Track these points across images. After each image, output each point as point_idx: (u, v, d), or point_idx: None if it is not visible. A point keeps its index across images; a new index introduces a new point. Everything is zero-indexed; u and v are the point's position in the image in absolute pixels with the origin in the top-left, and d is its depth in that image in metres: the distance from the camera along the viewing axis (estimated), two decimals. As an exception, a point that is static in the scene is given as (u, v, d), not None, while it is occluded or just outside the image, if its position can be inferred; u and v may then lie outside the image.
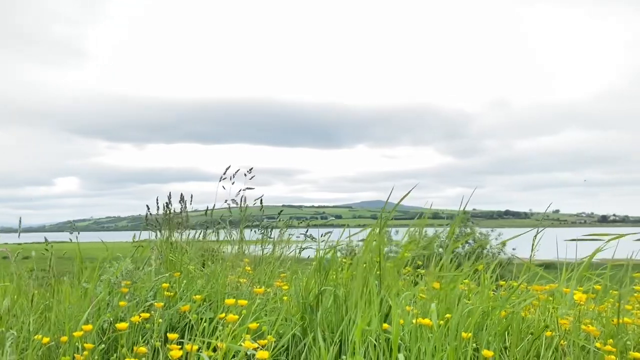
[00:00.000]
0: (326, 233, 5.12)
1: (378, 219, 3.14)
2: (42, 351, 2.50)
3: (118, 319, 2.74)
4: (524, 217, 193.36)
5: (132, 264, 3.34)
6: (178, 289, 3.26)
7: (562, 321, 2.19)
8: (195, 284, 3.42)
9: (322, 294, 3.12)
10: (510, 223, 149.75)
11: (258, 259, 4.52)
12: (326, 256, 3.29)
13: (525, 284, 2.96)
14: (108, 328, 2.77)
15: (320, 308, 3.06)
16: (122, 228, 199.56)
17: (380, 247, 3.01)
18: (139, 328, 2.64)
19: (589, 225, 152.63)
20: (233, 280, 3.64)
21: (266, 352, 2.01)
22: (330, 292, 3.10)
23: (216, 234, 4.69)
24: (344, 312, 3.00)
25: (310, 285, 3.17)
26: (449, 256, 2.79)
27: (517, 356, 2.29)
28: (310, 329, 2.96)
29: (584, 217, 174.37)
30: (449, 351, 2.02)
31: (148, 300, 2.96)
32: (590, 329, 2.12)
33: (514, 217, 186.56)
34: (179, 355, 2.12)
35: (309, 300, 3.10)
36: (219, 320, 2.90)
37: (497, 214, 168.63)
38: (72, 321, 2.53)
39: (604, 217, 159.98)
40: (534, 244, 2.88)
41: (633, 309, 2.97)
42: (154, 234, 4.27)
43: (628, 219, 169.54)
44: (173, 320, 3.09)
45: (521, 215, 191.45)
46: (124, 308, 2.80)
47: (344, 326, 2.67)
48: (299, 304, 3.15)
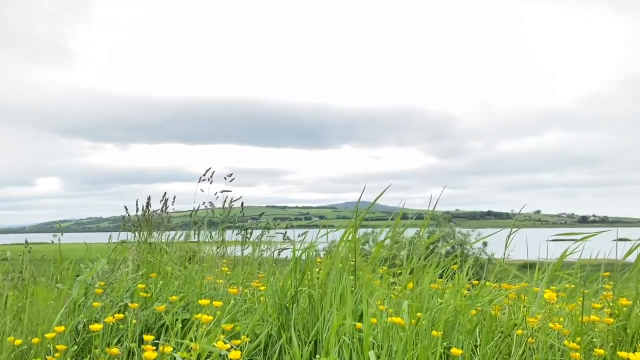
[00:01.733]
0: (303, 233, 5.15)
1: (353, 218, 3.17)
2: (14, 354, 2.49)
3: (92, 320, 2.73)
4: (505, 217, 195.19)
5: (108, 265, 3.33)
6: (155, 289, 3.26)
7: (530, 320, 2.24)
8: (172, 284, 3.41)
9: (297, 294, 3.15)
10: (492, 224, 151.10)
11: (237, 260, 4.54)
12: (302, 256, 3.31)
13: (497, 283, 3.01)
14: (82, 329, 2.76)
15: (296, 308, 3.08)
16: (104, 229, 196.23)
17: (355, 245, 3.04)
18: (113, 329, 2.63)
19: (570, 225, 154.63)
20: (210, 281, 3.64)
21: (238, 352, 2.02)
22: (306, 292, 3.13)
23: (197, 235, 4.69)
24: (319, 312, 3.03)
25: (286, 286, 3.19)
26: (421, 252, 2.83)
27: (488, 354, 2.34)
28: (285, 329, 2.98)
29: (565, 218, 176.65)
30: (419, 349, 2.06)
31: (123, 301, 2.95)
32: (558, 327, 2.17)
33: (496, 217, 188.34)
34: (153, 356, 2.12)
35: (285, 300, 3.12)
36: (194, 321, 2.91)
37: (480, 214, 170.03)
38: (45, 323, 2.52)
39: (584, 218, 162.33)
40: (507, 243, 2.93)
41: (602, 307, 3.03)
42: (133, 235, 4.25)
43: (607, 219, 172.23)
44: (149, 322, 3.08)
45: (503, 216, 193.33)
46: (98, 309, 2.79)
47: (319, 326, 2.69)
48: (275, 304, 3.17)
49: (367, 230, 19.59)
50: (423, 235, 3.27)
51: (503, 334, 2.34)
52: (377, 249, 3.14)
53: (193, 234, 4.72)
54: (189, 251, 4.72)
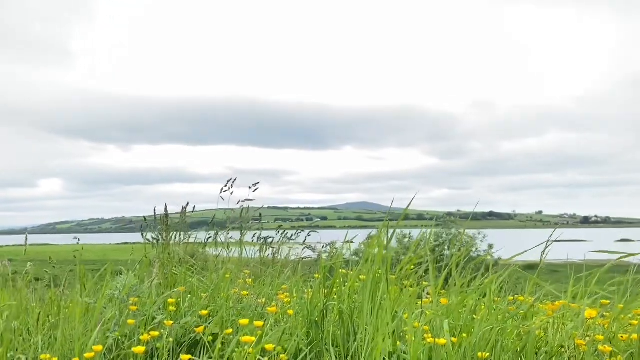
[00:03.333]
0: (308, 234, 5.14)
1: (382, 225, 3.13)
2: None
3: (126, 337, 2.71)
4: (507, 218, 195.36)
5: (135, 278, 3.31)
6: (182, 303, 3.24)
7: (579, 341, 2.21)
8: (199, 298, 3.39)
9: (327, 309, 3.12)
10: (494, 224, 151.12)
11: (257, 270, 4.51)
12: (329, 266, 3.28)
13: (531, 297, 2.98)
14: (115, 346, 2.73)
15: (326, 324, 3.06)
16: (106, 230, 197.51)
17: (387, 258, 3.00)
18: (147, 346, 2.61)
19: (572, 226, 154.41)
20: (235, 293, 3.61)
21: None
22: (336, 307, 3.10)
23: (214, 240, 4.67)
24: (350, 326, 3.01)
25: (315, 300, 3.16)
26: (455, 266, 2.80)
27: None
28: (316, 344, 2.96)
29: (567, 218, 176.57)
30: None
31: (155, 316, 2.93)
32: (607, 349, 2.14)
33: (498, 218, 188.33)
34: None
35: (314, 315, 3.09)
36: (225, 336, 2.89)
37: (481, 215, 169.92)
38: (80, 340, 2.50)
39: (586, 219, 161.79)
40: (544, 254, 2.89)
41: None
42: (146, 238, 4.26)
43: (609, 219, 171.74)
44: (178, 335, 3.06)
45: (504, 217, 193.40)
46: (131, 325, 2.77)
47: (352, 343, 2.66)
48: (304, 318, 3.15)
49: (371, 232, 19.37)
50: (429, 238, 3.25)
51: (547, 354, 2.32)
52: (408, 261, 3.11)
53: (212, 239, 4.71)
54: (205, 259, 4.71)
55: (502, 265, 3.18)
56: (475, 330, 2.27)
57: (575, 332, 2.46)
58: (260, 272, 4.47)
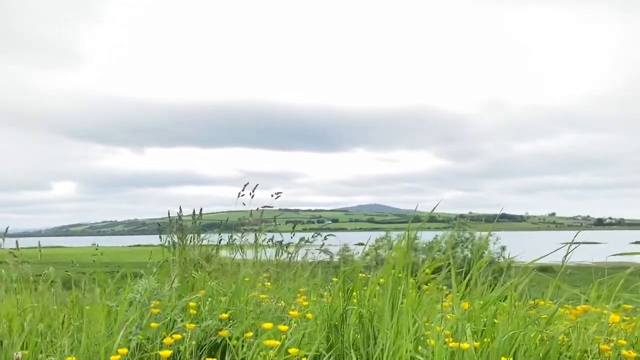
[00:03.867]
0: (326, 236, 5.16)
1: (405, 233, 3.14)
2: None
3: (148, 340, 2.74)
4: (520, 220, 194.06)
5: (155, 282, 3.34)
6: (203, 307, 3.26)
7: (603, 347, 2.20)
8: (218, 301, 3.42)
9: (346, 313, 3.13)
10: (506, 226, 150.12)
11: (275, 273, 4.53)
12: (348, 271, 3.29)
13: (552, 301, 2.96)
14: (137, 349, 2.76)
15: (346, 328, 3.07)
16: (119, 232, 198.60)
17: (408, 263, 3.01)
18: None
19: (585, 228, 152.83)
20: (254, 296, 3.64)
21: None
22: (355, 311, 3.11)
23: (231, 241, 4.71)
24: (370, 330, 3.01)
25: (335, 304, 3.17)
26: (477, 274, 2.80)
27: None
28: (336, 348, 2.97)
29: (580, 220, 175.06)
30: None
31: (176, 321, 2.96)
32: (631, 355, 2.13)
33: (510, 220, 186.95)
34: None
35: (334, 319, 3.10)
36: (245, 339, 2.91)
37: (493, 217, 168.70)
38: (104, 344, 2.53)
39: (600, 220, 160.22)
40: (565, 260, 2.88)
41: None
42: (167, 240, 4.31)
43: (624, 221, 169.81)
44: (199, 338, 3.09)
45: (517, 219, 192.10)
46: (153, 329, 2.80)
47: (378, 350, 2.67)
48: (323, 322, 3.16)
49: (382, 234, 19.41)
50: (441, 240, 3.24)
51: (571, 359, 2.31)
52: (430, 265, 3.12)
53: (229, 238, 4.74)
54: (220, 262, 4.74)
55: (515, 268, 3.18)
56: (498, 335, 2.26)
57: (597, 337, 2.44)
58: (277, 275, 4.49)
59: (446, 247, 3.00)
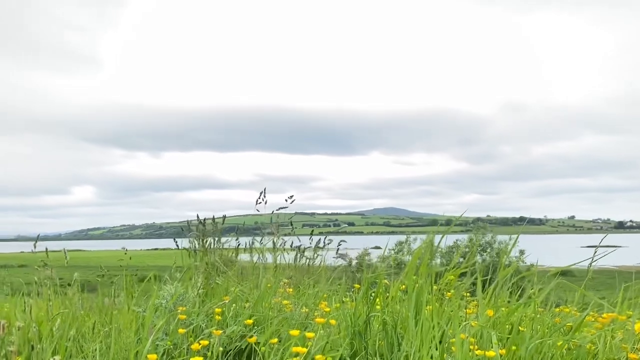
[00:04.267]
0: (339, 244, 5.17)
1: (427, 240, 3.15)
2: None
3: (175, 346, 2.79)
4: (539, 223, 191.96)
5: (181, 288, 3.39)
6: (227, 312, 3.30)
7: (632, 356, 2.18)
8: (242, 307, 3.45)
9: (370, 320, 3.15)
10: (525, 230, 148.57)
11: (296, 278, 4.56)
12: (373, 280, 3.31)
13: (576, 309, 2.95)
14: (164, 354, 2.81)
15: (370, 335, 3.08)
16: (137, 236, 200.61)
17: (431, 270, 3.02)
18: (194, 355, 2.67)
19: (606, 231, 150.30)
20: (277, 302, 3.67)
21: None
22: (379, 317, 3.13)
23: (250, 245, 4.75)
24: (393, 337, 3.03)
25: (358, 311, 3.19)
26: (503, 283, 2.80)
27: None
28: (360, 355, 2.99)
29: (600, 224, 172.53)
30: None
31: (201, 325, 3.00)
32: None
33: (529, 223, 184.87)
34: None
35: (358, 326, 3.12)
36: (271, 345, 2.94)
37: (512, 220, 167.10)
38: (133, 350, 2.58)
39: (620, 224, 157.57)
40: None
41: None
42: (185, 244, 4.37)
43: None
44: (224, 344, 3.13)
45: (536, 222, 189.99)
46: (181, 335, 2.84)
47: (402, 357, 2.68)
48: (346, 329, 3.18)
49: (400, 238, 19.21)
50: (462, 245, 3.23)
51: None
52: (450, 275, 3.12)
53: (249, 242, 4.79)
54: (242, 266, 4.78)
55: (536, 273, 3.16)
56: (525, 343, 2.26)
57: (625, 346, 2.43)
58: (298, 280, 4.52)
59: (471, 252, 2.99)
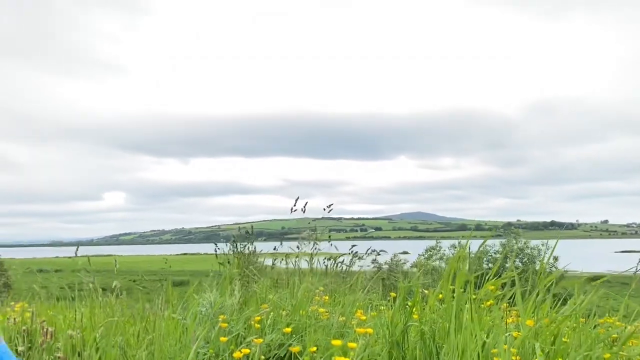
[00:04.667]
0: (377, 253, 5.16)
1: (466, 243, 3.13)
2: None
3: (217, 354, 2.83)
4: (570, 228, 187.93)
5: (219, 295, 3.44)
6: (266, 320, 3.33)
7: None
8: (279, 315, 3.48)
9: (407, 329, 3.14)
10: (556, 234, 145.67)
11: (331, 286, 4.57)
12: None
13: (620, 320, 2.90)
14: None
15: (408, 344, 3.08)
16: (166, 241, 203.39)
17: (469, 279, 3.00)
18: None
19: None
20: (314, 310, 3.69)
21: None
22: (417, 327, 3.12)
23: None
24: (432, 347, 3.02)
25: (396, 320, 3.19)
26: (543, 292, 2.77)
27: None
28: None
29: (635, 228, 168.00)
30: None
31: (240, 333, 3.04)
32: None
33: (560, 228, 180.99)
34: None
35: (396, 335, 3.12)
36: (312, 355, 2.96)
37: (543, 224, 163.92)
38: (178, 358, 2.63)
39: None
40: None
41: None
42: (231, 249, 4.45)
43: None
44: (263, 352, 3.16)
45: (567, 226, 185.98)
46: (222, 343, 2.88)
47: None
48: (384, 338, 3.18)
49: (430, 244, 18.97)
50: (514, 256, 3.19)
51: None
52: (490, 284, 3.09)
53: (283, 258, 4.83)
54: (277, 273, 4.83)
55: (569, 278, 3.11)
56: (570, 355, 2.23)
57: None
58: (333, 287, 4.54)
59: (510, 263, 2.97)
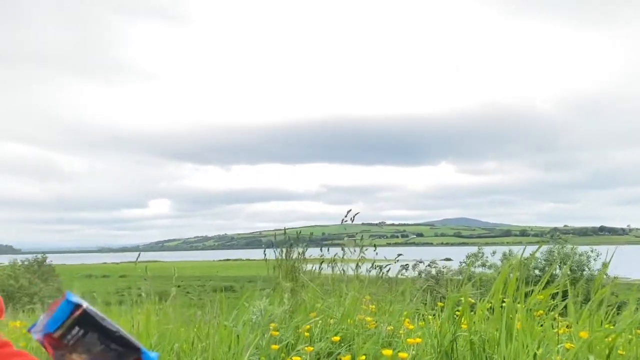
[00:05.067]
0: (428, 265, 5.13)
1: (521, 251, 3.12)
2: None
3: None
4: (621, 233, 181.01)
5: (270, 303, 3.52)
6: (314, 328, 3.39)
7: None
8: (327, 323, 3.53)
9: (456, 339, 3.15)
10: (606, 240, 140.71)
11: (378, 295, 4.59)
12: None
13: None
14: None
15: (457, 354, 3.09)
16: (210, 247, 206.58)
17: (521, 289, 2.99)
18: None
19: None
20: (361, 319, 3.72)
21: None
22: (466, 337, 3.12)
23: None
24: (482, 358, 3.02)
25: (444, 330, 3.19)
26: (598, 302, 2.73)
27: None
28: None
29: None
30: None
31: (291, 342, 3.11)
32: None
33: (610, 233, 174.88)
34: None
35: (445, 346, 3.12)
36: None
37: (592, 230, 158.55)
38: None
39: None
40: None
41: None
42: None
43: None
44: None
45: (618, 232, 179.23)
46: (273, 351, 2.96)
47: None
48: (433, 348, 3.19)
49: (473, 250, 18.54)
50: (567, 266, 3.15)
51: None
52: (540, 295, 3.07)
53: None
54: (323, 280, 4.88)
55: (619, 286, 3.04)
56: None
57: None
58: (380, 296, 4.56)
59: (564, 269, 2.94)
